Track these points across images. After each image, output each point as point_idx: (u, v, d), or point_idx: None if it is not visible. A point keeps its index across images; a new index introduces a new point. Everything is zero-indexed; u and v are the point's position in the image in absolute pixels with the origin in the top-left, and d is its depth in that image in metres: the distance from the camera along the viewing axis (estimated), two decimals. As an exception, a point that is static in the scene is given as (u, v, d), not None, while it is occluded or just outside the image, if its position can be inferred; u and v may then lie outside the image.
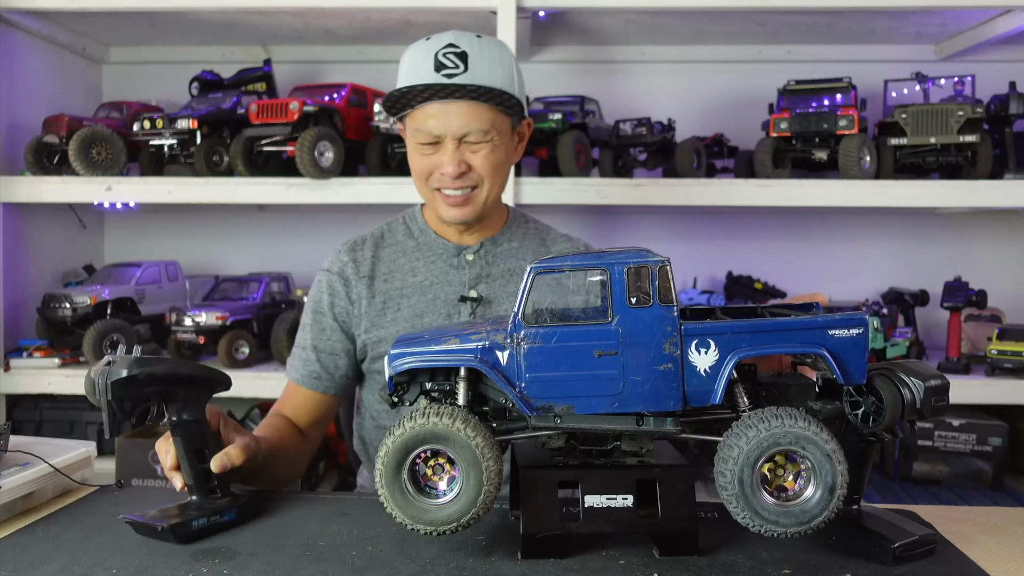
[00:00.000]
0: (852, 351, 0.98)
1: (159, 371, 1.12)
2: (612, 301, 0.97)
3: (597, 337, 0.97)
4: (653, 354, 0.97)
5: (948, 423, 2.65)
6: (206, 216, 3.29)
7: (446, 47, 1.48)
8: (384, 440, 0.98)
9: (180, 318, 2.67)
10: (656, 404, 0.98)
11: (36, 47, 2.92)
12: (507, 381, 0.99)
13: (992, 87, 2.74)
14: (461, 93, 1.47)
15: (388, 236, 1.72)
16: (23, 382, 2.68)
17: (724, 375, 0.97)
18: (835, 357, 0.98)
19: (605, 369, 0.97)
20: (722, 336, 0.98)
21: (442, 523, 0.98)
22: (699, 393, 0.99)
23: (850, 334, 0.98)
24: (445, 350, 1.01)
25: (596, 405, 0.99)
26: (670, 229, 3.16)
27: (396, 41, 3.08)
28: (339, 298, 1.66)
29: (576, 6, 2.59)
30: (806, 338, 0.99)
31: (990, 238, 3.12)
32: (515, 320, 0.98)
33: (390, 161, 2.72)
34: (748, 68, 3.11)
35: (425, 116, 1.51)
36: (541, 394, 0.99)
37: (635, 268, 0.96)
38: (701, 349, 0.98)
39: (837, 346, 0.98)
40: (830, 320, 0.98)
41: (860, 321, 0.98)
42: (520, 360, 0.98)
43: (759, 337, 0.98)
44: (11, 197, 2.68)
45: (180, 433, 1.17)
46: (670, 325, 0.97)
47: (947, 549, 1.08)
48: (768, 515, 0.96)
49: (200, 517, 1.13)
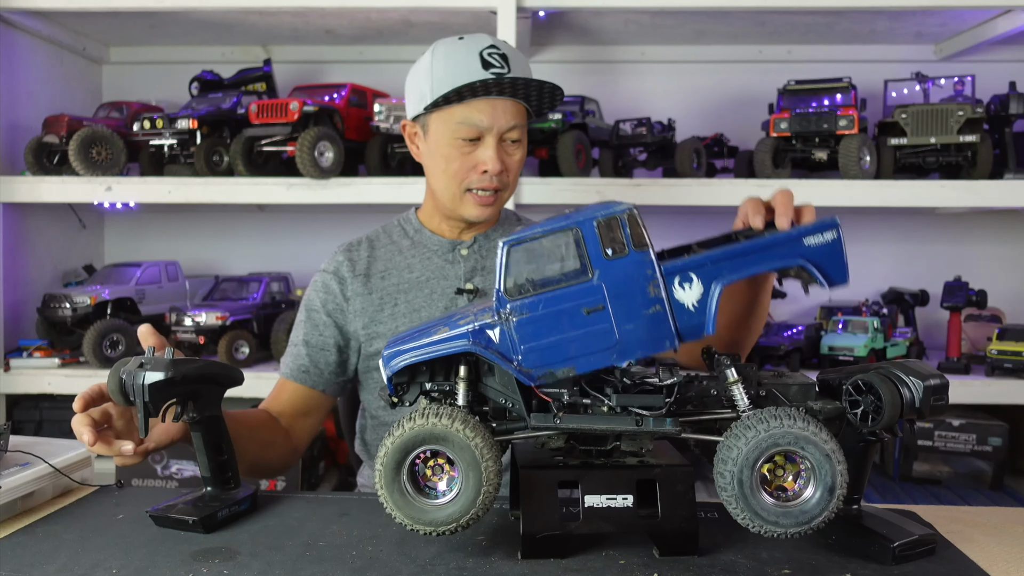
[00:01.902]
0: (830, 255, 1.00)
1: (192, 372, 1.14)
2: (589, 258, 0.97)
3: (582, 295, 0.97)
4: (639, 299, 0.97)
5: (948, 423, 2.65)
6: (206, 216, 3.29)
7: (489, 47, 1.51)
8: (384, 440, 0.98)
9: (180, 318, 2.67)
10: (653, 346, 0.99)
11: (36, 47, 2.92)
12: (503, 358, 0.99)
13: (992, 87, 2.74)
14: (512, 90, 1.51)
15: (383, 237, 1.75)
16: (23, 382, 2.68)
17: (712, 305, 0.98)
18: (815, 265, 1.00)
19: (596, 324, 0.97)
20: (702, 268, 0.98)
21: (441, 523, 0.98)
22: (692, 328, 0.99)
23: (825, 239, 1.00)
24: (437, 340, 1.01)
25: (596, 361, 0.99)
26: (670, 229, 3.14)
27: (396, 41, 3.08)
28: (333, 295, 1.67)
29: (576, 6, 2.60)
30: (783, 252, 1.00)
31: (990, 238, 3.12)
32: (498, 296, 0.98)
33: (390, 161, 2.72)
34: (748, 68, 3.11)
35: (472, 111, 1.52)
36: (539, 362, 0.98)
37: (605, 221, 0.96)
38: (684, 284, 0.98)
39: (815, 254, 1.00)
40: (802, 230, 1.00)
41: (831, 224, 1.00)
42: (512, 334, 0.98)
43: (738, 262, 0.99)
44: (11, 197, 2.68)
45: (201, 429, 1.20)
46: (649, 268, 0.97)
47: (947, 549, 1.08)
48: (768, 516, 0.96)
49: (223, 508, 1.16)
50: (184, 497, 1.20)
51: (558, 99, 1.59)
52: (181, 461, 2.66)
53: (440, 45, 1.56)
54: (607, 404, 1.02)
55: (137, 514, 1.20)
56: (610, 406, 1.01)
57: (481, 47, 1.51)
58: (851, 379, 1.02)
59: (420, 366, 1.05)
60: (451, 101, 1.52)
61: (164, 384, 1.11)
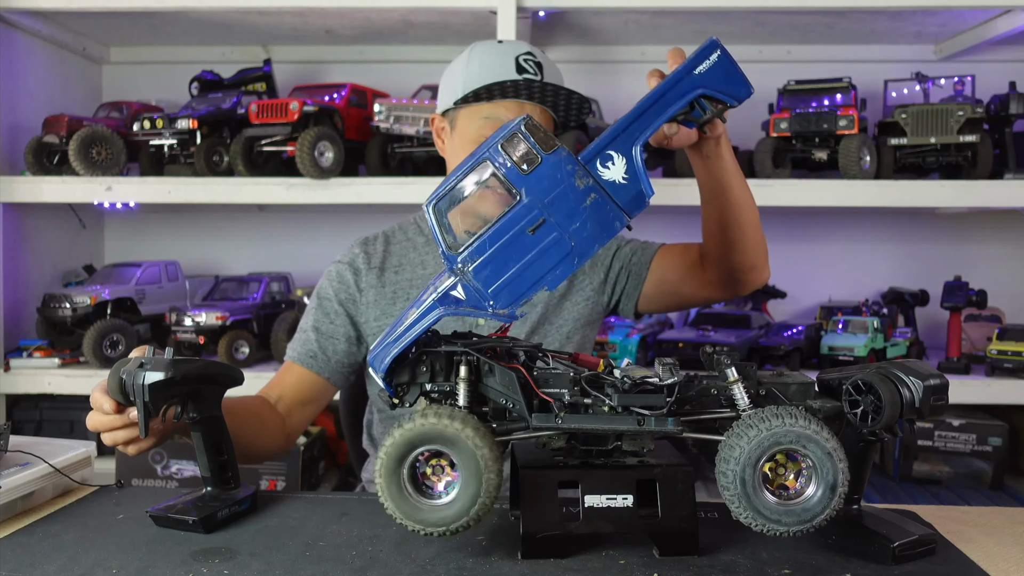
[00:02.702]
0: (724, 74, 1.01)
1: (193, 372, 1.15)
2: (509, 181, 0.96)
3: (520, 218, 0.96)
4: (573, 197, 0.96)
5: (948, 423, 2.65)
6: (206, 216, 3.29)
7: (526, 54, 1.56)
8: (384, 441, 0.98)
9: (180, 318, 2.67)
10: (606, 234, 0.98)
11: (36, 47, 2.92)
12: (477, 309, 0.98)
13: (992, 87, 2.74)
14: (541, 96, 1.55)
15: (399, 233, 1.77)
16: (23, 382, 2.68)
17: (640, 169, 0.98)
18: (715, 89, 1.01)
19: (545, 238, 0.97)
20: (615, 141, 0.98)
21: (442, 524, 0.98)
22: (632, 199, 0.98)
23: (712, 61, 1.01)
24: (411, 323, 1.00)
25: (561, 273, 0.98)
26: (670, 229, 3.15)
27: (396, 41, 3.08)
28: (347, 285, 1.69)
29: (576, 6, 2.60)
30: (680, 90, 1.00)
31: (990, 238, 3.12)
32: (446, 256, 0.98)
33: (390, 161, 2.72)
34: (748, 68, 3.04)
35: (500, 109, 1.55)
36: (511, 298, 0.98)
37: (507, 140, 0.96)
38: (607, 164, 0.98)
39: (709, 79, 1.01)
40: (687, 64, 1.00)
41: (711, 45, 1.01)
42: (474, 284, 0.97)
43: (644, 119, 0.99)
44: (11, 197, 2.68)
45: (201, 429, 1.20)
46: (569, 164, 0.96)
47: (947, 549, 1.08)
48: (771, 514, 0.96)
49: (223, 508, 1.16)
50: (184, 497, 1.20)
51: (585, 112, 1.61)
52: (181, 461, 2.66)
53: (478, 45, 1.61)
54: (608, 404, 1.02)
55: (137, 514, 1.20)
56: (611, 406, 1.01)
57: (518, 52, 1.56)
58: (851, 379, 1.02)
59: (420, 366, 1.05)
60: (481, 98, 1.55)
61: (164, 384, 1.11)
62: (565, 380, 1.03)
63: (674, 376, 1.02)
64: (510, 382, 1.03)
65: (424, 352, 1.04)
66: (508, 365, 1.03)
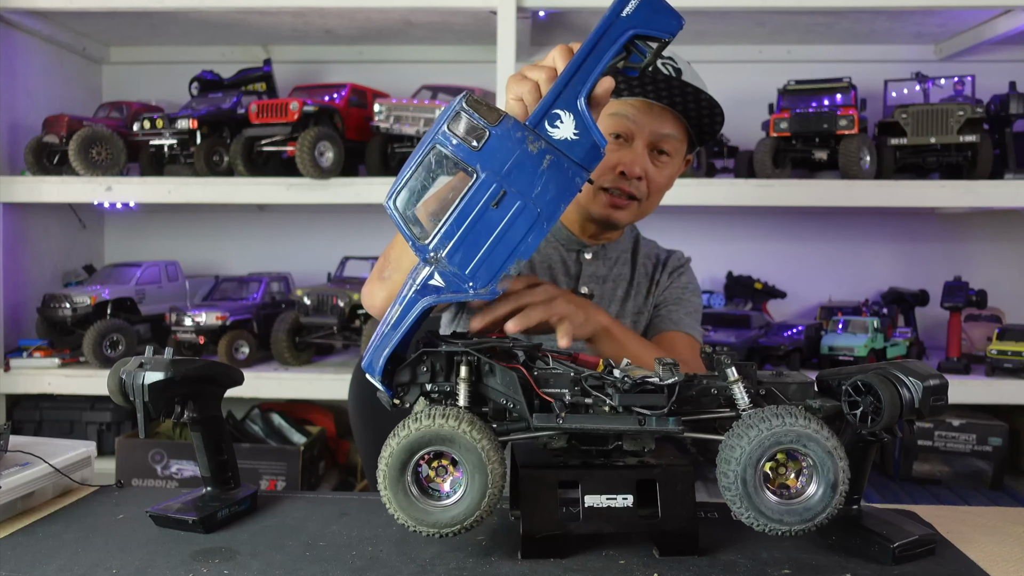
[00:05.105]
0: (651, 11, 0.99)
1: (192, 372, 1.14)
2: (463, 159, 0.96)
3: (481, 195, 0.96)
4: (529, 163, 0.96)
5: (948, 423, 2.65)
6: (206, 216, 3.29)
7: (666, 58, 1.46)
8: (388, 442, 0.98)
9: (180, 318, 2.68)
10: (569, 192, 0.98)
11: (36, 47, 2.92)
12: (458, 293, 0.98)
13: (992, 87, 2.75)
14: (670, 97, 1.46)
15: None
16: (23, 382, 2.68)
17: (588, 121, 0.97)
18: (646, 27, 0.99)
19: (510, 210, 0.96)
20: (559, 99, 0.97)
21: (445, 525, 0.98)
22: (587, 153, 0.98)
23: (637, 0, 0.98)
24: (397, 320, 1.00)
25: (533, 241, 0.98)
26: (670, 229, 3.15)
27: (396, 41, 3.08)
28: None
29: (576, 6, 2.60)
30: (613, 35, 0.98)
31: (990, 238, 3.12)
32: (417, 248, 0.98)
33: (390, 161, 2.72)
34: (748, 68, 3.11)
35: (627, 106, 1.48)
36: (488, 276, 0.98)
37: (451, 120, 0.96)
38: (556, 123, 0.97)
39: (638, 19, 0.98)
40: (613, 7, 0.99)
41: None
42: (450, 269, 0.98)
43: (584, 70, 0.98)
44: (11, 197, 2.68)
45: (200, 429, 1.20)
46: (518, 132, 0.96)
47: (947, 549, 1.08)
48: (772, 514, 0.96)
49: (223, 508, 1.16)
50: (184, 497, 1.20)
51: (718, 123, 1.51)
52: (181, 461, 2.66)
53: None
54: (609, 404, 1.02)
55: (137, 514, 1.20)
56: (612, 406, 1.01)
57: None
58: (850, 380, 1.02)
59: (421, 367, 1.05)
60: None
61: (164, 384, 1.11)
62: (566, 380, 1.03)
63: (674, 376, 1.02)
64: (511, 382, 1.03)
65: (424, 352, 1.04)
66: (508, 365, 1.03)
